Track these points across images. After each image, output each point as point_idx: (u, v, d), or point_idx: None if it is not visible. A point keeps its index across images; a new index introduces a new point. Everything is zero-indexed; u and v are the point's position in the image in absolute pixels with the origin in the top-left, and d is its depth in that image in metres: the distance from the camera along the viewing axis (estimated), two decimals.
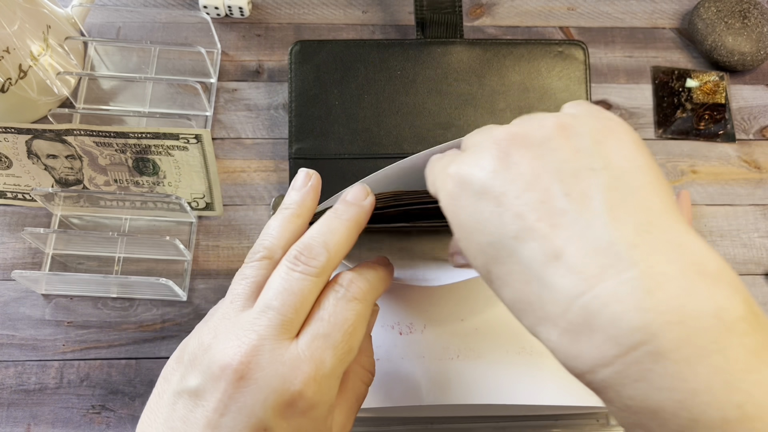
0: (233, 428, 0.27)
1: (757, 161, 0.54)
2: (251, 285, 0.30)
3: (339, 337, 0.29)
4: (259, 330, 0.28)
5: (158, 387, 0.30)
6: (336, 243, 0.31)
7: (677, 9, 0.60)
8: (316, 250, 0.30)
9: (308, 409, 0.27)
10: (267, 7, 0.58)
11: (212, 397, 0.27)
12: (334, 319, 0.29)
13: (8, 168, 0.47)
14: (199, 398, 0.27)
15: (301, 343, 0.28)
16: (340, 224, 0.31)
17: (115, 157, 0.46)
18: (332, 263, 0.30)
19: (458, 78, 0.53)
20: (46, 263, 0.49)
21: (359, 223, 0.32)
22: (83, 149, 0.46)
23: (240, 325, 0.28)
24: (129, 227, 0.50)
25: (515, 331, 0.43)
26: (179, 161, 0.46)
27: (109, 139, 0.45)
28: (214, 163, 0.46)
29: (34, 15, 0.48)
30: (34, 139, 0.45)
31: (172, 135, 0.44)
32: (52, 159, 0.46)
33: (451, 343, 0.43)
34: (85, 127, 0.44)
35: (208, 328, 0.29)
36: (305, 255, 0.30)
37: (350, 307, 0.30)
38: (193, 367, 0.28)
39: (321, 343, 0.28)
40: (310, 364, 0.27)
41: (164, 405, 0.29)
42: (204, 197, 0.48)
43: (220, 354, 0.27)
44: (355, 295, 0.30)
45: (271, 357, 0.27)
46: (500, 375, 0.42)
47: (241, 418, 0.27)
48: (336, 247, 0.31)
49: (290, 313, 0.28)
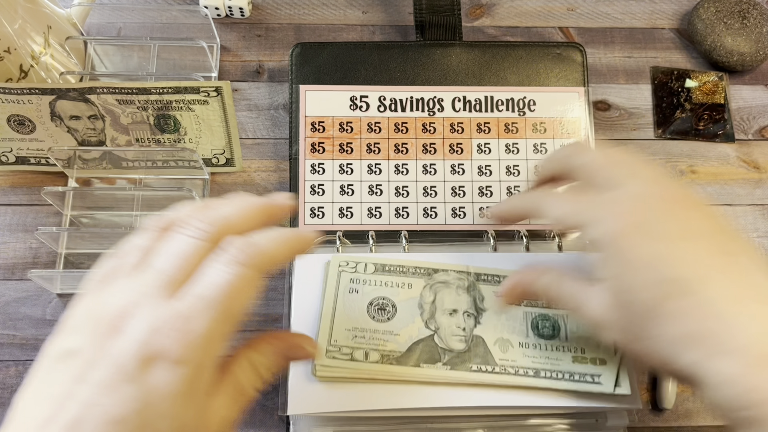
0: (99, 380, 0.26)
1: (756, 161, 0.55)
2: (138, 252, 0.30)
3: (216, 299, 0.28)
4: (137, 288, 0.28)
5: (36, 362, 0.28)
6: (238, 222, 0.31)
7: (676, 9, 0.60)
8: (212, 216, 0.30)
9: (176, 365, 0.27)
10: (267, 8, 0.59)
11: (87, 351, 0.27)
12: (213, 281, 0.28)
13: (32, 132, 0.47)
14: (76, 356, 0.27)
15: (178, 302, 0.28)
16: (274, 233, 0.31)
17: (137, 115, 0.47)
18: (223, 233, 0.30)
19: (457, 80, 0.53)
20: (59, 262, 0.49)
21: (293, 244, 0.32)
22: (106, 108, 0.46)
23: (121, 286, 0.28)
24: (140, 224, 0.50)
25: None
26: (200, 116, 0.47)
27: (132, 96, 0.45)
28: (234, 116, 0.47)
29: (34, 15, 0.48)
30: (58, 99, 0.45)
31: (192, 89, 0.45)
32: (75, 120, 0.47)
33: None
34: (108, 85, 0.45)
35: (89, 288, 0.29)
36: (195, 219, 0.30)
37: (231, 271, 0.29)
38: (73, 328, 0.28)
39: (197, 303, 0.28)
40: (183, 321, 0.27)
41: (39, 372, 0.28)
42: (224, 152, 0.49)
43: (100, 307, 0.28)
44: (238, 259, 0.29)
45: (147, 311, 0.27)
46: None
47: (108, 368, 0.26)
48: (237, 223, 0.31)
49: (173, 273, 0.28)
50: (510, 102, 0.53)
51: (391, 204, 0.50)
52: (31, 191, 0.51)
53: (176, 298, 0.28)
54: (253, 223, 0.32)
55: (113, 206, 0.50)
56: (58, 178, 0.51)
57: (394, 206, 0.50)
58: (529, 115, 0.52)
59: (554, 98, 0.53)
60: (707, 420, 0.46)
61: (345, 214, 0.50)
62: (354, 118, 0.52)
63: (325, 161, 0.51)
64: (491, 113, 0.52)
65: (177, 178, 0.51)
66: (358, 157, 0.51)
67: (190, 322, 0.27)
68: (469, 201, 0.50)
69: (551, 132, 0.52)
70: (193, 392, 0.27)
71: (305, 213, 0.49)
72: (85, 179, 0.51)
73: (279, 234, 0.31)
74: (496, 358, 0.41)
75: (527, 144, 0.52)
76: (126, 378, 0.26)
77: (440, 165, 0.51)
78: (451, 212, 0.50)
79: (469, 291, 0.43)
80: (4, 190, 0.51)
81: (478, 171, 0.51)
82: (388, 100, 0.52)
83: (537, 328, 0.41)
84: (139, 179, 0.51)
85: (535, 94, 0.53)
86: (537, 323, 0.41)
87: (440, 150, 0.51)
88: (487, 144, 0.52)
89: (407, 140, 0.51)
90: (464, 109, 0.52)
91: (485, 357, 0.41)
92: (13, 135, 0.48)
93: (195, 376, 0.27)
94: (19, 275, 0.48)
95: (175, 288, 0.28)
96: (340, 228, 0.49)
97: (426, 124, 0.52)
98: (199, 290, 0.28)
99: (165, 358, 0.26)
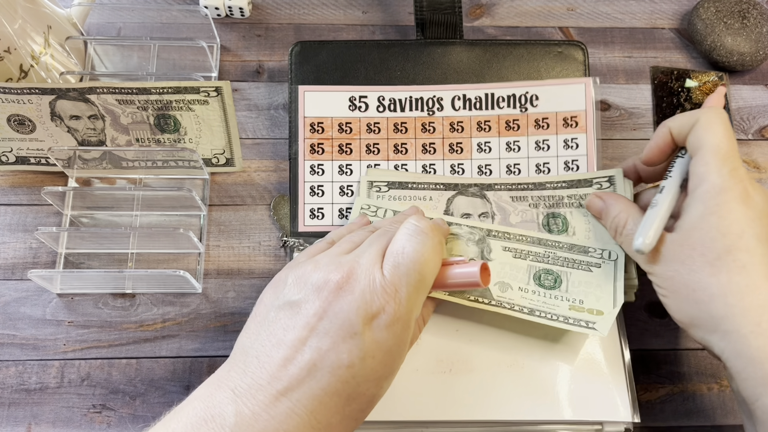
0: (328, 330, 0.32)
1: (756, 161, 0.55)
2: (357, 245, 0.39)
3: (411, 267, 0.35)
4: (356, 259, 0.36)
5: (256, 311, 0.36)
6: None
7: (676, 9, 0.60)
8: (401, 219, 0.40)
9: (390, 324, 0.33)
10: (267, 8, 0.58)
11: (313, 304, 0.33)
12: (406, 251, 0.36)
13: (32, 132, 0.47)
14: (300, 307, 0.34)
15: (385, 270, 0.35)
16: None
17: (137, 115, 0.47)
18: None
19: (458, 78, 0.53)
20: (59, 262, 0.49)
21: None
22: (106, 108, 0.46)
23: (340, 259, 0.36)
24: (140, 224, 0.50)
25: (508, 345, 0.44)
26: (200, 116, 0.47)
27: (132, 96, 0.46)
28: (233, 116, 0.47)
29: (35, 15, 0.48)
30: (58, 99, 0.45)
31: (192, 89, 0.45)
32: (75, 120, 0.47)
33: (444, 356, 0.43)
34: (108, 85, 0.45)
35: (311, 262, 0.36)
36: (396, 222, 0.40)
37: (419, 240, 0.36)
38: (296, 285, 0.35)
39: (397, 271, 0.35)
40: (391, 287, 0.34)
41: (266, 320, 0.34)
42: (224, 152, 0.49)
43: (324, 272, 0.35)
44: (423, 229, 0.37)
45: (365, 277, 0.34)
46: (493, 390, 0.42)
47: (336, 321, 0.33)
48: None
49: (378, 248, 0.37)
50: (511, 98, 0.52)
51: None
52: (31, 191, 0.51)
53: (383, 268, 0.35)
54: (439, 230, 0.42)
55: (113, 206, 0.50)
56: (58, 178, 0.51)
57: None
58: (531, 111, 0.52)
59: (559, 91, 0.52)
60: (707, 420, 0.46)
61: (345, 215, 0.50)
62: (353, 119, 0.52)
63: (324, 162, 0.51)
64: (491, 111, 0.52)
65: (177, 178, 0.51)
66: (358, 158, 0.51)
67: (395, 288, 0.34)
68: None
69: (554, 128, 0.52)
70: (402, 345, 0.35)
71: (305, 214, 0.49)
72: (85, 179, 0.51)
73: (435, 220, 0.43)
74: (494, 295, 0.43)
75: (528, 141, 0.52)
76: (353, 331, 0.32)
77: (440, 165, 0.51)
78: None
79: (479, 243, 0.45)
80: (4, 190, 0.51)
81: (478, 170, 0.51)
82: (387, 100, 0.52)
83: (539, 279, 0.43)
84: (139, 179, 0.51)
85: (537, 88, 0.52)
86: (540, 275, 0.43)
87: (440, 150, 0.51)
88: (487, 143, 0.52)
89: (407, 140, 0.51)
90: (464, 108, 0.52)
91: (483, 292, 0.43)
92: (13, 135, 0.48)
93: (402, 330, 0.34)
94: (19, 275, 0.48)
95: (381, 260, 0.36)
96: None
97: (425, 124, 0.52)
98: (396, 260, 0.35)
99: (380, 318, 0.33)
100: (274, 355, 0.32)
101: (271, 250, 0.50)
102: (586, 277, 0.43)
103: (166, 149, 0.49)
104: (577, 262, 0.44)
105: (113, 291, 0.48)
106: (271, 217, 0.51)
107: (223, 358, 0.47)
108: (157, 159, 0.49)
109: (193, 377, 0.46)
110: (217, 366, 0.46)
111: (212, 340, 0.47)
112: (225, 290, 0.49)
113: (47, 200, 0.49)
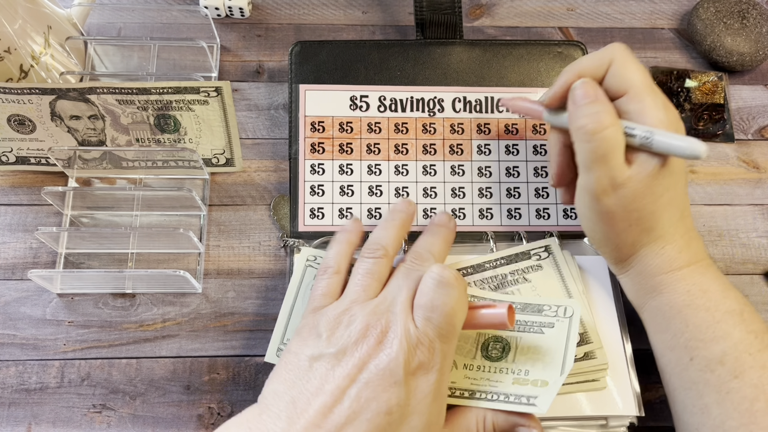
0: (369, 381, 0.34)
1: (755, 161, 0.55)
2: (377, 279, 0.40)
3: (442, 320, 0.36)
4: (389, 308, 0.37)
5: (287, 360, 0.36)
6: (438, 249, 0.42)
7: (676, 9, 0.60)
8: (424, 255, 0.41)
9: (426, 372, 0.35)
10: (267, 8, 0.59)
11: (353, 357, 0.35)
12: (435, 305, 0.37)
13: (32, 132, 0.47)
14: (339, 360, 0.35)
15: (417, 323, 0.36)
16: (436, 237, 0.43)
17: (137, 115, 0.47)
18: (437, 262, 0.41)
19: (458, 78, 0.53)
20: (59, 262, 0.49)
21: (449, 238, 0.44)
22: (106, 108, 0.46)
23: (372, 309, 0.37)
24: (140, 224, 0.50)
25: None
26: (200, 116, 0.47)
27: (132, 96, 0.46)
28: (233, 116, 0.47)
29: (35, 15, 0.48)
30: (58, 99, 0.45)
31: (192, 89, 0.45)
32: (75, 120, 0.47)
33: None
34: (108, 85, 0.45)
35: (341, 311, 0.37)
36: (417, 259, 0.41)
37: (446, 293, 0.37)
38: (331, 338, 0.36)
39: (430, 324, 0.36)
40: (425, 338, 0.36)
41: (301, 370, 0.35)
42: (224, 152, 0.49)
43: (360, 324, 0.36)
44: (449, 281, 0.37)
45: (402, 329, 0.36)
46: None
47: (377, 372, 0.34)
48: (438, 251, 0.42)
49: (407, 294, 0.38)
50: None
51: (391, 205, 0.50)
52: (31, 191, 0.51)
53: (415, 318, 0.37)
54: (448, 246, 0.44)
55: (113, 206, 0.50)
56: (58, 178, 0.51)
57: None
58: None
59: None
60: None
61: (345, 215, 0.50)
62: (354, 118, 0.52)
63: (324, 161, 0.51)
64: (491, 114, 0.52)
65: (177, 178, 0.51)
66: (358, 158, 0.51)
67: (429, 339, 0.36)
68: (469, 202, 0.50)
69: None
70: (440, 393, 0.36)
71: (305, 214, 0.49)
72: (85, 179, 0.51)
73: (444, 236, 0.44)
74: None
75: (527, 145, 0.52)
76: (396, 381, 0.34)
77: (440, 166, 0.51)
78: (451, 213, 0.50)
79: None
80: (4, 190, 0.51)
81: (478, 172, 0.51)
82: (389, 101, 0.52)
83: (487, 349, 0.42)
84: (139, 179, 0.51)
85: (537, 95, 0.53)
86: (488, 344, 0.42)
87: (440, 151, 0.51)
88: (487, 145, 0.52)
89: (407, 141, 0.51)
90: (464, 110, 0.52)
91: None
92: (14, 135, 0.48)
93: (441, 381, 0.36)
94: (19, 275, 0.48)
95: (411, 308, 0.37)
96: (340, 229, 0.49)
97: (426, 125, 0.52)
98: (425, 314, 0.36)
99: (422, 369, 0.35)
100: (314, 403, 0.33)
101: (271, 250, 0.50)
102: (536, 341, 0.41)
103: (166, 149, 0.49)
104: (529, 324, 0.42)
105: (113, 291, 0.48)
106: (271, 217, 0.51)
107: (223, 358, 0.47)
108: (157, 159, 0.49)
109: (193, 377, 0.46)
110: (217, 366, 0.46)
111: (212, 340, 0.47)
112: (225, 290, 0.49)
113: (47, 200, 0.49)
